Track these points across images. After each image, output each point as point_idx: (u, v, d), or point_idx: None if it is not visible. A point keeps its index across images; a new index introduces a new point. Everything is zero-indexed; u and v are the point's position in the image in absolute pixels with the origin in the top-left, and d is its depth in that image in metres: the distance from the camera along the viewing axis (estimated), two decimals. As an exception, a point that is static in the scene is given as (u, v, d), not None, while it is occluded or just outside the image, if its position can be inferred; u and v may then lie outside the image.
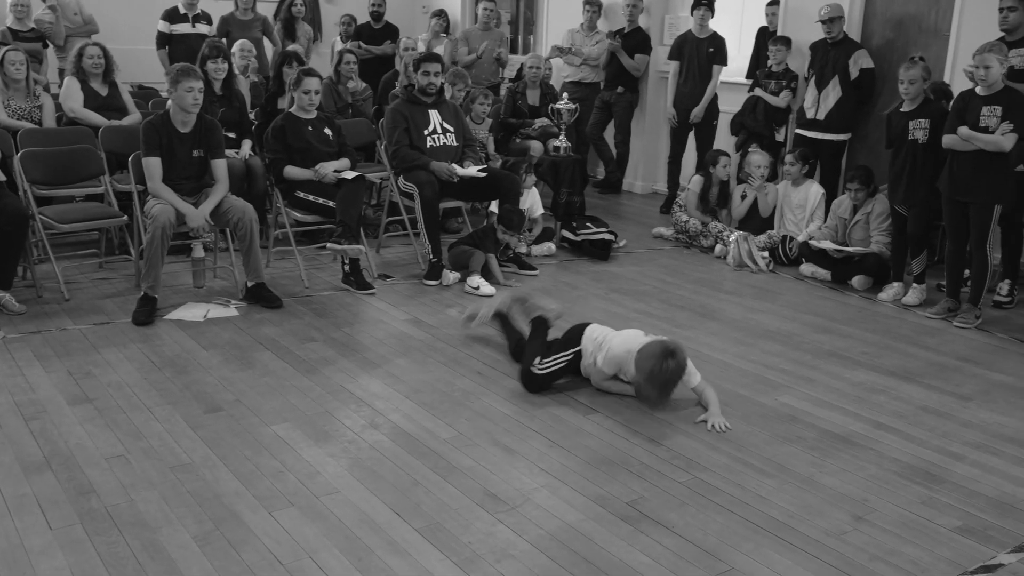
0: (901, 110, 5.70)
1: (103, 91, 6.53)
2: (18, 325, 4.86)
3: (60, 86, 6.96)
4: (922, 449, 3.80)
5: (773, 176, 7.18)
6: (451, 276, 5.84)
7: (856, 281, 6.13)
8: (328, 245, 5.52)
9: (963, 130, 5.22)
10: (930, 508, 3.33)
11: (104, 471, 3.39)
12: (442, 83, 6.23)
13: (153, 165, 5.07)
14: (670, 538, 3.07)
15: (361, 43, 9.52)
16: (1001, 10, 5.68)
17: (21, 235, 5.04)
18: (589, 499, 3.31)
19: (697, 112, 8.06)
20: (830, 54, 6.95)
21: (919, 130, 5.56)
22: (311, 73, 5.82)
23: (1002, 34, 5.68)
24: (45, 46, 8.24)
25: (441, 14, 9.47)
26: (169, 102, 5.15)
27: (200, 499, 3.22)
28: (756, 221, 6.96)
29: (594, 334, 4.28)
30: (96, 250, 6.07)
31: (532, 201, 6.81)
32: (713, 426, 3.93)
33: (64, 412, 3.86)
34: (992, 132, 5.15)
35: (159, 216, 4.93)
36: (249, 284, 5.33)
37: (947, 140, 5.33)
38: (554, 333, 4.47)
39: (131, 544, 2.93)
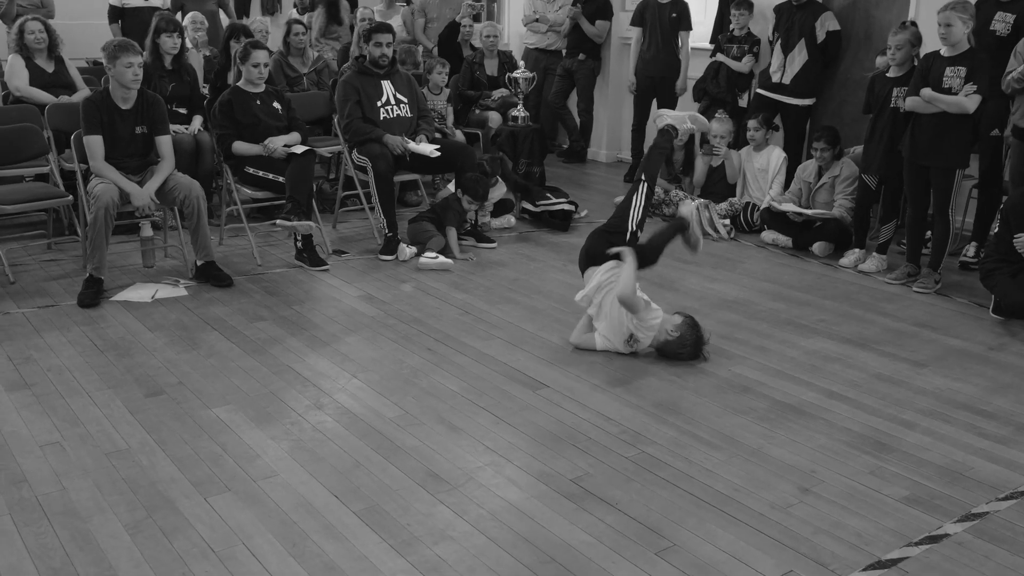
0: (887, 75, 5.56)
1: (49, 68, 6.36)
2: (-41, 310, 4.76)
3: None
4: (873, 418, 3.76)
5: (738, 143, 7.10)
6: (407, 251, 5.74)
7: (817, 247, 6.07)
8: (278, 221, 5.41)
9: (926, 91, 5.13)
10: (878, 478, 3.29)
11: (38, 459, 3.30)
12: (394, 53, 6.10)
13: (95, 143, 4.93)
14: (613, 515, 3.02)
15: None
16: None
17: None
18: (533, 477, 3.26)
19: (680, 86, 7.92)
20: (796, 16, 6.82)
21: (902, 98, 5.35)
22: (258, 45, 5.66)
23: None
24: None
25: None
26: (109, 78, 5.01)
27: (134, 486, 3.14)
28: (721, 187, 6.89)
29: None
30: (43, 231, 5.93)
31: (499, 191, 6.66)
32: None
33: (0, 399, 3.76)
34: (955, 94, 5.05)
35: (101, 196, 4.81)
36: (198, 263, 5.22)
37: (910, 102, 5.24)
38: None
39: (59, 534, 2.86)
